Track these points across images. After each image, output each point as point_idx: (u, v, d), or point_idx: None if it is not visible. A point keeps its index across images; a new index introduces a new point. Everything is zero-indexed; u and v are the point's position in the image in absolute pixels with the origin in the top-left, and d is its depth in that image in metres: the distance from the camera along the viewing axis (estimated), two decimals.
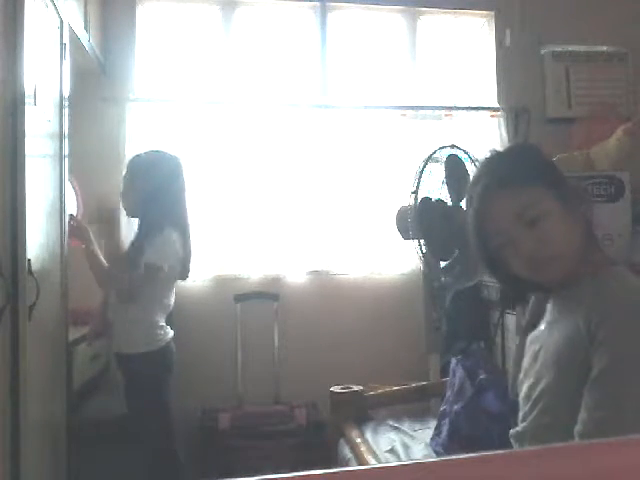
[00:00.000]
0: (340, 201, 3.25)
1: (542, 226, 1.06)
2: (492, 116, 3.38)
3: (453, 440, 2.09)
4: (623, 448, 0.45)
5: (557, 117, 3.37)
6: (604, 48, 3.45)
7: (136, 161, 2.31)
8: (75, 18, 2.43)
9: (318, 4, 3.30)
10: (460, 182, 2.43)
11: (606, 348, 0.99)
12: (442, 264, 2.50)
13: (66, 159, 2.21)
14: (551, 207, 1.07)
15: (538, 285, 1.15)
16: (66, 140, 2.21)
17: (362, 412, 2.52)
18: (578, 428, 1.01)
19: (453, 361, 2.36)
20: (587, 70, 3.43)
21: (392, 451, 2.21)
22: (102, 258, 2.31)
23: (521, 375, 1.20)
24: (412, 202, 2.40)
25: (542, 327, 1.18)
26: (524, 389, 1.16)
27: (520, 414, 1.16)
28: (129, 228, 3.04)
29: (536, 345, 1.16)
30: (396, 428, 2.45)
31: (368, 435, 2.34)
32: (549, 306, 1.18)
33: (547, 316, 1.18)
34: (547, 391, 1.08)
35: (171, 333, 2.31)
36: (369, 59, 3.38)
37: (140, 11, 3.16)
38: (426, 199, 2.42)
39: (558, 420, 1.07)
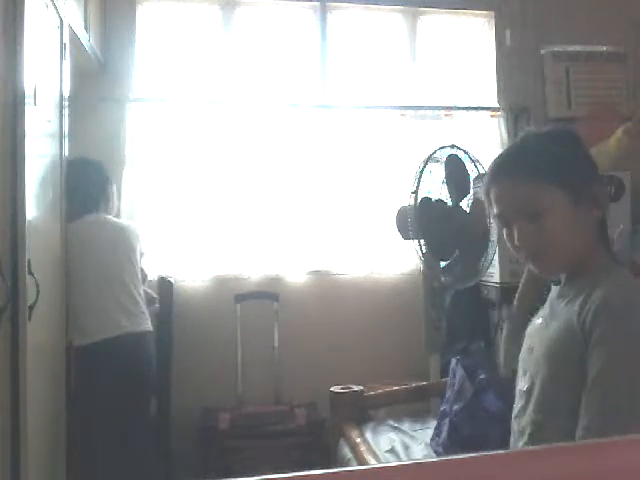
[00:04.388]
0: (340, 201, 3.25)
1: (542, 222, 1.05)
2: (492, 116, 3.38)
3: (453, 440, 2.09)
4: (623, 448, 0.45)
5: (557, 117, 3.37)
6: (604, 48, 3.45)
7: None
8: (75, 18, 2.43)
9: (318, 4, 3.30)
10: (460, 182, 2.43)
11: (601, 349, 0.98)
12: (442, 264, 2.50)
13: (66, 159, 2.21)
14: (554, 204, 1.05)
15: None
16: (66, 140, 2.21)
17: (362, 412, 2.52)
18: (580, 434, 0.99)
19: (453, 361, 2.36)
20: (587, 70, 3.43)
21: (392, 451, 2.21)
22: None
23: (519, 370, 1.19)
24: (412, 202, 2.40)
25: (539, 320, 1.17)
26: (521, 383, 1.16)
27: (517, 407, 1.16)
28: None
29: (533, 339, 1.16)
30: (396, 428, 2.45)
31: (368, 435, 2.34)
32: (549, 299, 1.17)
33: (545, 309, 1.17)
34: (541, 388, 1.08)
35: (111, 330, 2.28)
36: (369, 59, 3.37)
37: (140, 11, 3.16)
38: (426, 199, 2.42)
39: (552, 418, 1.06)
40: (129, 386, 2.29)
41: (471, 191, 2.44)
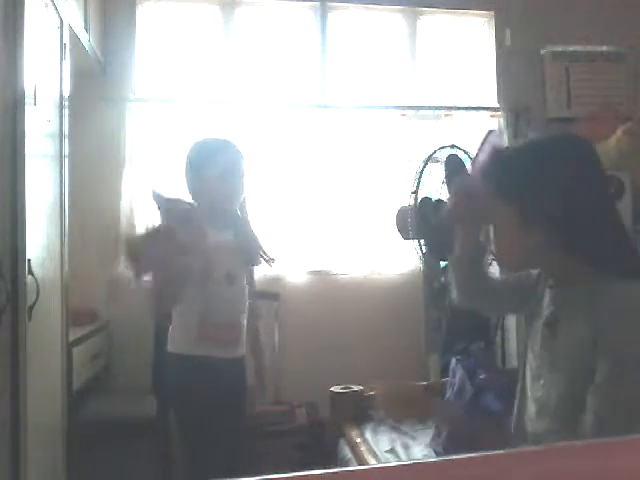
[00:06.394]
0: (340, 201, 3.25)
1: (494, 230, 1.22)
2: (492, 116, 3.38)
3: (453, 440, 2.09)
4: (624, 448, 0.45)
5: (557, 117, 3.37)
6: (604, 48, 3.45)
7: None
8: (75, 18, 2.43)
9: (318, 4, 3.30)
10: None
11: (609, 354, 1.00)
12: (442, 264, 2.49)
13: (66, 159, 2.21)
14: (502, 218, 1.17)
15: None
16: (66, 140, 2.21)
17: (362, 412, 2.52)
18: (583, 430, 1.00)
19: (453, 361, 2.36)
20: (587, 70, 3.43)
21: (392, 451, 2.20)
22: None
23: (528, 373, 1.19)
24: (412, 202, 2.40)
25: (542, 326, 1.16)
26: (534, 388, 1.15)
27: (532, 412, 1.15)
28: (130, 225, 3.04)
29: (545, 347, 1.15)
30: (396, 428, 2.45)
31: (368, 435, 2.34)
32: (549, 303, 1.17)
33: (547, 314, 1.16)
34: (549, 394, 1.08)
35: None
36: (369, 59, 3.38)
37: (140, 11, 3.16)
38: (426, 199, 2.42)
39: (559, 424, 1.06)
40: None
41: None
